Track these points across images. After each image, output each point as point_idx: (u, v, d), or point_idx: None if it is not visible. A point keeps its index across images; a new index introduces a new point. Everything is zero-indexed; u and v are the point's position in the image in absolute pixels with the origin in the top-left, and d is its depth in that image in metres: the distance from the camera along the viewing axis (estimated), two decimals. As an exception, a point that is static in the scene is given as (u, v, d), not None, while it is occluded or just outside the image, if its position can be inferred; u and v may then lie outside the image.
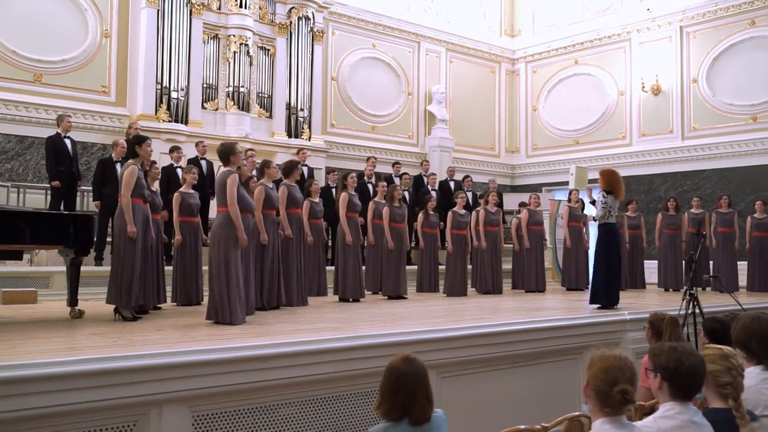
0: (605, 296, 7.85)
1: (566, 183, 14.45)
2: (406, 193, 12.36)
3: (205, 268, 7.64)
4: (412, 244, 12.17)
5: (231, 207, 6.07)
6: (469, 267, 11.54)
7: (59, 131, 9.85)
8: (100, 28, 12.40)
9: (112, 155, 9.81)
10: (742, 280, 11.97)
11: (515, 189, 18.04)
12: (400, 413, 2.75)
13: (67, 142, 9.84)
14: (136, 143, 6.52)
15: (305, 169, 11.80)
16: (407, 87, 16.67)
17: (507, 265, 11.82)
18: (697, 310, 6.81)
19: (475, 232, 11.00)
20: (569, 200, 12.15)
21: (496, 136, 18.40)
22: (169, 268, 8.55)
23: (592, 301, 7.96)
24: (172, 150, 10.47)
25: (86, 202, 11.03)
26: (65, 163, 9.76)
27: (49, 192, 10.19)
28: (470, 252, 11.01)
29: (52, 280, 8.91)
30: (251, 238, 6.74)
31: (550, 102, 17.94)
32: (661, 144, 15.61)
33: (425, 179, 13.41)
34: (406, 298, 9.44)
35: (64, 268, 6.89)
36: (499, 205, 11.31)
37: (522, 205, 12.17)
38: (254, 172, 9.06)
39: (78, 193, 10.40)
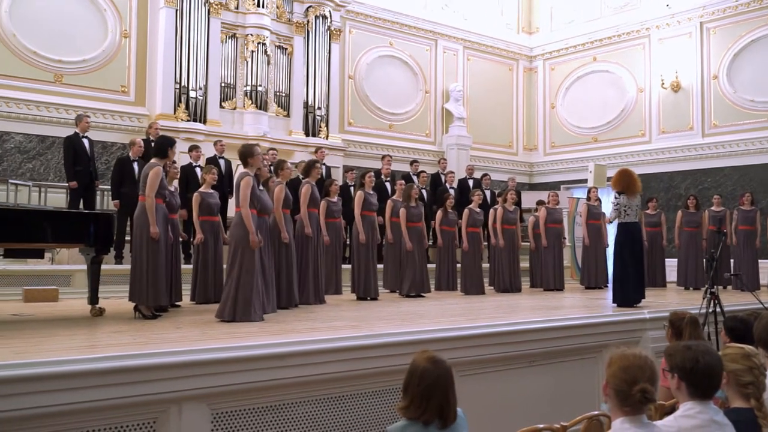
0: (620, 295, 7.82)
1: (585, 181, 14.35)
2: (424, 192, 12.35)
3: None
4: (430, 242, 12.14)
5: (242, 209, 6.14)
6: (487, 265, 11.52)
7: (77, 131, 9.94)
8: (120, 29, 12.50)
9: (130, 154, 9.88)
10: (764, 278, 11.83)
11: (533, 187, 17.95)
12: (432, 416, 2.74)
13: (85, 141, 9.93)
14: (169, 145, 6.60)
15: (323, 168, 11.80)
16: (424, 85, 16.65)
17: (525, 264, 11.77)
18: (718, 309, 6.74)
19: (492, 230, 10.96)
20: (588, 198, 12.08)
21: (513, 134, 18.33)
22: (187, 267, 8.61)
23: (613, 300, 7.94)
24: (191, 149, 10.54)
25: (105, 201, 11.12)
26: (83, 163, 9.84)
27: (65, 190, 10.30)
28: (487, 250, 10.98)
29: (73, 279, 9.00)
30: (268, 238, 6.76)
31: (569, 99, 17.83)
32: (681, 141, 15.47)
33: (443, 177, 13.38)
34: (423, 296, 9.43)
35: (84, 267, 6.96)
36: (518, 203, 11.27)
37: (540, 203, 12.11)
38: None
39: (97, 192, 10.48)
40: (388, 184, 11.87)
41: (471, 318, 6.44)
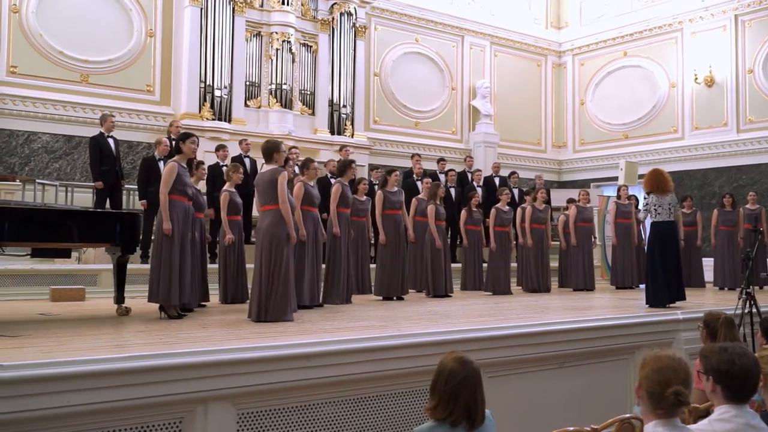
0: (652, 295, 7.74)
1: (615, 179, 14.21)
2: (452, 190, 12.32)
3: (249, 266, 7.72)
4: (457, 242, 12.08)
5: (283, 205, 6.15)
6: (514, 265, 11.46)
7: (102, 131, 10.06)
8: (145, 28, 12.65)
9: (155, 154, 9.98)
10: (802, 278, 11.61)
11: (562, 185, 17.82)
12: (459, 418, 2.73)
13: (110, 141, 10.04)
14: (181, 140, 6.59)
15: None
16: (451, 82, 16.61)
17: (554, 264, 11.68)
18: (754, 310, 6.64)
19: (520, 229, 10.90)
20: (618, 197, 11.96)
21: (542, 131, 18.21)
22: (214, 266, 8.68)
23: (646, 301, 7.86)
24: (218, 149, 10.62)
25: (132, 201, 11.25)
26: (109, 163, 9.96)
27: (85, 190, 10.44)
28: (515, 249, 10.93)
29: (99, 278, 9.12)
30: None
31: (599, 95, 17.67)
32: (715, 137, 15.25)
33: (469, 175, 13.34)
34: (450, 295, 9.41)
35: (111, 266, 7.05)
36: (547, 201, 11.19)
37: (571, 201, 12.01)
38: (296, 170, 9.14)
39: (123, 192, 10.61)
40: (419, 184, 11.84)
41: (500, 318, 6.40)
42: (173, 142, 9.90)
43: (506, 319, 6.35)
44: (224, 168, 10.22)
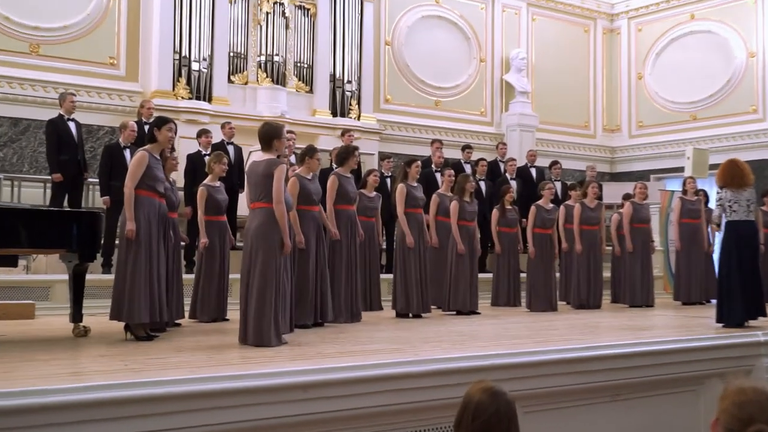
0: (726, 312, 7.67)
1: (681, 170, 14.15)
2: (482, 184, 12.27)
3: (233, 276, 7.74)
4: (488, 247, 12.07)
5: (277, 205, 6.05)
6: (559, 275, 11.41)
7: (62, 112, 10.09)
8: (107, -12, 12.69)
9: (120, 140, 10.01)
10: None
11: (615, 177, 17.76)
12: None
13: (71, 125, 10.07)
14: (156, 126, 6.59)
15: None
16: (479, 52, 16.58)
17: (607, 273, 11.63)
18: None
19: (564, 231, 10.86)
20: (684, 191, 11.89)
21: (591, 112, 18.15)
22: (189, 277, 8.68)
23: (717, 319, 7.77)
24: (200, 134, 10.59)
25: (93, 198, 11.28)
26: (69, 151, 9.98)
27: (49, 185, 10.47)
28: (559, 256, 10.88)
29: (52, 291, 9.14)
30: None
31: (660, 67, 17.59)
32: (804, 119, 15.16)
33: (502, 166, 13.30)
34: (479, 313, 9.39)
35: (66, 277, 7.06)
36: (599, 198, 11.14)
37: (626, 197, 11.95)
38: (293, 160, 9.14)
39: (84, 187, 10.65)
40: (438, 175, 11.80)
41: (538, 340, 6.39)
42: (145, 127, 9.93)
43: (547, 341, 6.32)
44: (207, 157, 10.25)
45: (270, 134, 6.27)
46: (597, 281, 10.79)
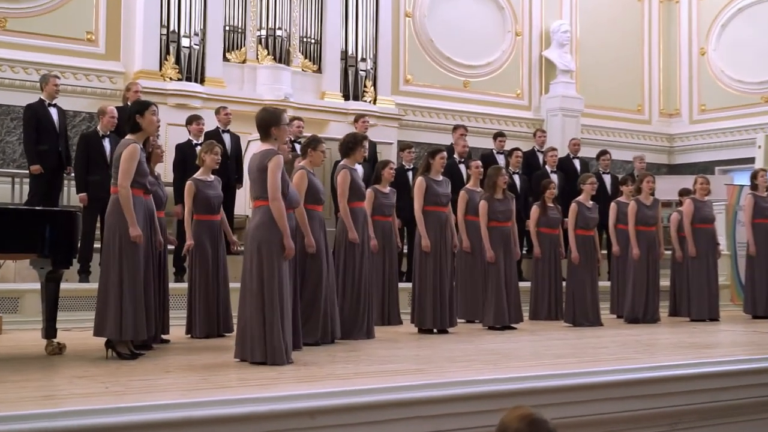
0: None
1: (751, 161, 14.05)
2: (517, 177, 12.23)
3: (233, 285, 7.76)
4: (524, 251, 12.05)
5: (273, 202, 6.08)
6: (607, 283, 11.34)
7: (43, 97, 10.14)
8: (84, -48, 12.74)
9: (98, 128, 10.04)
10: None
11: (673, 170, 17.69)
12: None
13: (53, 111, 10.09)
14: (137, 112, 6.57)
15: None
16: (514, 25, 16.53)
17: (665, 281, 11.58)
18: None
19: (616, 232, 10.80)
20: (754, 186, 11.80)
21: (645, 94, 18.07)
22: (179, 286, 8.71)
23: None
24: (190, 121, 10.59)
25: (68, 194, 11.30)
26: (49, 141, 10.00)
27: (24, 180, 10.51)
28: (607, 261, 10.82)
29: (21, 303, 9.17)
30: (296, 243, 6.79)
31: (726, 42, 17.48)
32: None
33: (541, 157, 13.26)
34: (514, 328, 9.37)
35: (38, 286, 7.09)
36: (653, 193, 11.07)
37: (683, 193, 11.88)
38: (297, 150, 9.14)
39: (65, 182, 10.71)
40: (462, 167, 11.78)
41: (585, 360, 6.37)
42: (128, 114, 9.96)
43: (595, 361, 6.31)
44: (199, 147, 10.27)
45: (267, 121, 6.27)
46: (654, 291, 10.71)
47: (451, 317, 8.89)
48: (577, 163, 13.46)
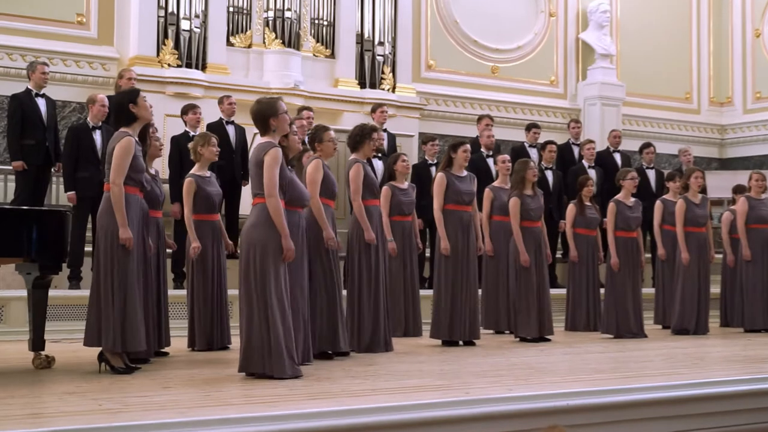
0: None
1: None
2: (549, 173, 12.20)
3: (235, 292, 7.75)
4: (558, 254, 12.01)
5: (269, 199, 6.10)
6: (651, 290, 11.29)
7: (29, 86, 10.17)
8: (74, -74, 12.79)
9: (88, 119, 10.07)
10: None
11: (725, 164, 17.61)
12: None
13: (41, 102, 10.11)
14: (129, 101, 6.56)
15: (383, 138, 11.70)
16: (548, 4, 16.49)
17: (715, 288, 11.51)
18: None
19: (661, 233, 10.75)
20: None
21: (693, 80, 17.99)
22: (178, 293, 8.72)
23: None
24: (185, 110, 10.62)
25: (57, 192, 11.33)
26: (35, 135, 10.03)
27: (10, 177, 10.57)
28: (651, 266, 10.77)
29: (6, 311, 9.21)
30: (303, 245, 6.78)
31: (784, 22, 17.40)
32: None
33: (576, 150, 13.22)
34: (548, 340, 9.35)
35: (24, 293, 7.11)
36: (703, 191, 11.01)
37: (737, 190, 11.82)
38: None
39: (53, 179, 10.76)
40: (490, 162, 11.75)
41: (627, 375, 6.37)
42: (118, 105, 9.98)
43: (638, 376, 6.28)
44: (196, 140, 10.32)
45: (263, 113, 6.31)
46: (703, 298, 10.65)
47: (474, 328, 8.86)
48: (617, 157, 13.41)
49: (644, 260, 10.70)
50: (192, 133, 10.32)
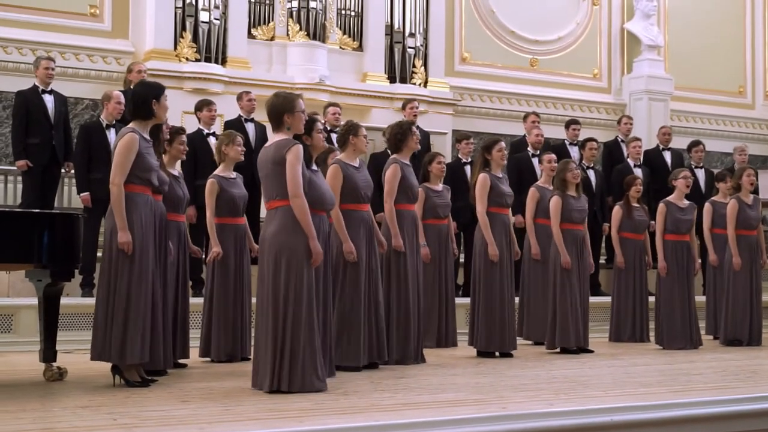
0: None
1: None
2: (592, 173, 12.15)
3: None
4: (602, 260, 11.97)
5: (294, 200, 6.10)
6: (702, 299, 11.22)
7: (36, 83, 10.24)
8: None
9: (102, 117, 10.12)
10: None
11: (781, 163, 17.50)
12: None
13: (48, 99, 10.18)
14: (154, 96, 6.54)
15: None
16: (591, -8, 16.47)
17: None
18: None
19: (712, 237, 10.69)
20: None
21: (747, 73, 17.88)
22: (196, 301, 8.75)
23: None
24: (200, 107, 10.65)
25: (69, 194, 11.37)
26: (41, 133, 10.09)
27: (19, 179, 10.62)
28: (702, 273, 10.71)
29: (16, 320, 9.28)
30: (328, 251, 6.79)
31: None
32: None
33: (624, 148, 13.17)
34: (591, 351, 9.33)
35: (35, 301, 7.15)
36: (755, 191, 10.93)
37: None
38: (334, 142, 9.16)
39: (64, 180, 10.84)
40: (535, 162, 11.69)
41: (677, 389, 6.34)
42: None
43: (686, 390, 6.28)
44: (211, 138, 10.29)
45: (278, 108, 6.32)
46: (756, 306, 10.59)
47: (511, 338, 8.86)
48: (667, 155, 13.32)
49: (698, 266, 10.60)
50: (206, 131, 10.37)
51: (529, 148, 11.97)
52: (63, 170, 10.39)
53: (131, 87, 10.61)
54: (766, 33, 18.01)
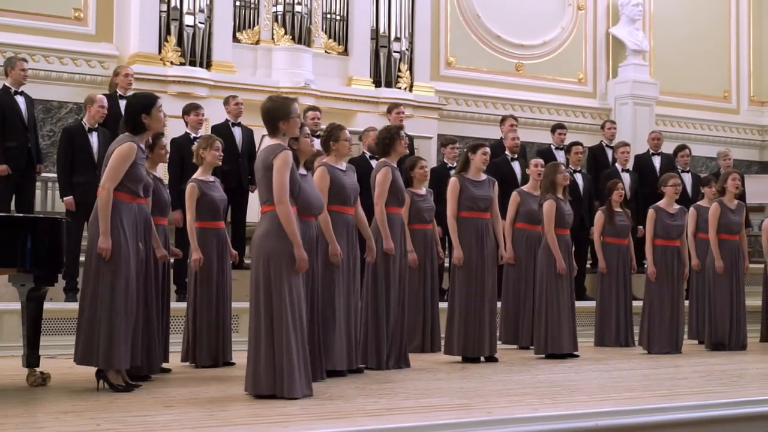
0: None
1: None
2: (579, 177, 12.17)
3: (240, 305, 7.79)
4: (588, 264, 11.99)
5: (279, 206, 6.10)
6: (686, 302, 11.27)
7: (7, 84, 10.20)
8: None
9: (84, 120, 10.08)
10: None
11: (766, 167, 17.53)
12: None
13: (20, 101, 10.14)
14: (142, 111, 6.55)
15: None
16: (576, -3, 16.51)
17: (753, 301, 11.49)
18: None
19: (695, 242, 10.72)
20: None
21: (732, 78, 17.94)
22: (178, 306, 8.73)
23: None
24: (187, 111, 10.63)
25: (51, 198, 11.36)
26: (16, 136, 10.04)
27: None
28: (688, 278, 10.73)
29: (-1, 325, 9.28)
30: (316, 255, 6.80)
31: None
32: None
33: (609, 153, 13.18)
34: (577, 356, 9.34)
35: (18, 306, 7.14)
36: (741, 196, 10.96)
37: (778, 195, 11.80)
38: (317, 145, 9.16)
39: (38, 184, 10.78)
40: (516, 165, 11.72)
41: (662, 394, 6.34)
42: (121, 103, 9.98)
43: (672, 394, 6.28)
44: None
45: (273, 113, 6.29)
46: (740, 311, 10.62)
47: (491, 343, 8.83)
48: (656, 160, 13.33)
49: (687, 271, 10.63)
50: (193, 135, 10.33)
51: (506, 152, 11.96)
52: (36, 173, 10.32)
53: (116, 90, 10.63)
54: (751, 38, 18.07)
